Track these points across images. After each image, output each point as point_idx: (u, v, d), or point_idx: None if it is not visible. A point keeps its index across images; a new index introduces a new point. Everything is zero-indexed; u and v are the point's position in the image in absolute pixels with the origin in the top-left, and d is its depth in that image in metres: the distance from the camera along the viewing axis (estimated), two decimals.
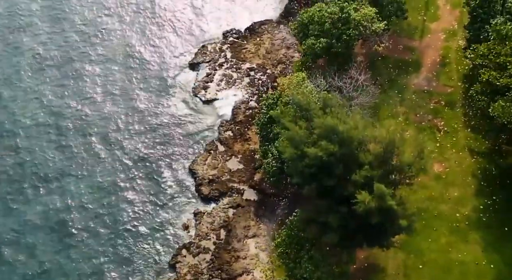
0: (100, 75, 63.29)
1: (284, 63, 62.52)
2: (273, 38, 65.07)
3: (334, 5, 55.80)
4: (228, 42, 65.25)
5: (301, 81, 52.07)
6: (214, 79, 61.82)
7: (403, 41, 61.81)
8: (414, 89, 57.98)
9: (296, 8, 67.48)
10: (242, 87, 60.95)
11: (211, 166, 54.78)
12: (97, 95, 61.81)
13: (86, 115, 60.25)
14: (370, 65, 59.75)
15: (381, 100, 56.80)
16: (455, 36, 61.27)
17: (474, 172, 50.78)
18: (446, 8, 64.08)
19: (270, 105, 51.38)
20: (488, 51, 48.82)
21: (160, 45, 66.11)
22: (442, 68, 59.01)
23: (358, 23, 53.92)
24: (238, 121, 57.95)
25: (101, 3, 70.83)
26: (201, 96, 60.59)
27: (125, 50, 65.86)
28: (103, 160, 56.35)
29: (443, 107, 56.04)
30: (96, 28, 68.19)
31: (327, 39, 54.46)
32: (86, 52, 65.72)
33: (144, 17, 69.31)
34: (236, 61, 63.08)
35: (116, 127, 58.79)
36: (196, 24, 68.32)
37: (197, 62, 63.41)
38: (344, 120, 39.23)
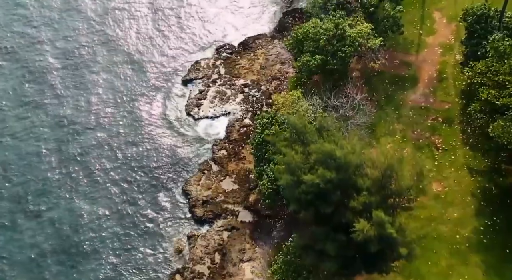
0: (89, 93, 61.79)
1: (279, 79, 61.43)
2: (267, 53, 64.00)
3: (329, 21, 54.84)
4: (221, 57, 64.07)
5: (296, 99, 51.09)
6: (208, 96, 60.63)
7: (399, 56, 60.86)
8: (411, 105, 57.03)
9: (290, 22, 66.46)
10: (236, 104, 59.76)
11: (205, 187, 53.52)
12: (86, 116, 60.18)
13: (76, 133, 59.01)
14: (366, 81, 58.81)
15: (377, 117, 55.85)
16: (452, 50, 60.37)
17: (474, 192, 49.81)
18: (442, 21, 63.22)
19: (265, 124, 50.24)
20: (486, 68, 47.97)
21: (152, 62, 64.58)
22: (439, 84, 58.11)
23: (353, 39, 52.94)
24: (232, 139, 56.75)
25: (88, 21, 69.16)
26: (194, 114, 59.32)
27: (115, 67, 64.23)
28: (93, 180, 54.97)
29: (441, 124, 55.05)
30: (82, 47, 66.49)
31: (322, 56, 53.43)
32: (68, 76, 63.98)
33: (134, 33, 67.81)
34: (230, 77, 61.93)
35: (108, 147, 57.36)
36: (189, 40, 66.98)
37: (190, 79, 62.16)
38: (341, 144, 38.14)
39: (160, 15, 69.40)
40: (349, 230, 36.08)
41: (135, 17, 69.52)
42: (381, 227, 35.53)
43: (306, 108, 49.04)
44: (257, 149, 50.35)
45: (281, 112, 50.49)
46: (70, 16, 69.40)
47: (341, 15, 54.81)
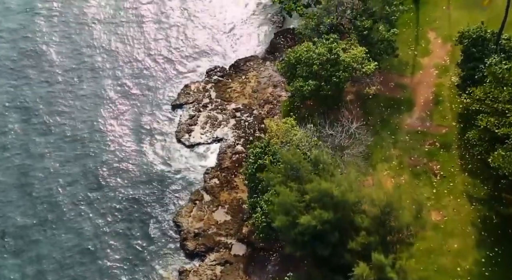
0: (75, 119, 59.82)
1: (271, 103, 59.83)
2: (259, 75, 62.41)
3: (322, 45, 53.40)
4: (212, 80, 62.38)
5: (290, 128, 49.52)
6: (198, 121, 58.84)
7: (394, 78, 59.48)
8: (407, 129, 55.55)
9: (282, 43, 64.95)
10: (228, 130, 58.02)
11: (197, 218, 51.68)
12: (70, 142, 58.15)
13: (59, 162, 56.99)
14: (361, 104, 57.35)
15: (373, 143, 54.32)
16: (448, 72, 59.05)
17: (474, 221, 48.33)
18: (437, 41, 61.97)
19: (258, 154, 48.56)
20: (484, 95, 46.68)
21: (140, 86, 62.69)
22: (435, 107, 56.70)
23: (347, 64, 51.54)
24: (224, 167, 54.99)
25: (76, 47, 67.17)
26: (184, 141, 57.48)
27: (101, 93, 62.21)
28: (78, 212, 52.92)
29: (438, 149, 53.62)
30: (70, 71, 64.49)
31: (315, 81, 52.02)
32: (52, 100, 62.09)
33: (121, 57, 65.73)
34: (221, 102, 60.24)
35: (93, 178, 55.32)
36: (178, 62, 65.03)
37: (180, 103, 60.29)
38: (338, 181, 36.58)
39: (148, 38, 67.54)
40: (348, 274, 34.52)
41: (122, 40, 67.52)
42: (381, 271, 33.99)
43: (300, 138, 47.47)
44: (250, 180, 48.62)
45: (274, 141, 48.92)
46: (58, 41, 67.40)
47: (334, 39, 53.40)
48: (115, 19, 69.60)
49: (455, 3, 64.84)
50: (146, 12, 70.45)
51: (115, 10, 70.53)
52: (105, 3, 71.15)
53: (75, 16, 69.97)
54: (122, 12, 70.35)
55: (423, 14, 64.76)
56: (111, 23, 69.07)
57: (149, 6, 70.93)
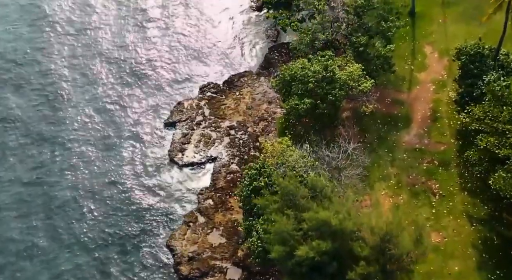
0: (65, 143, 58.16)
1: (266, 120, 58.65)
2: (254, 91, 61.25)
3: (317, 62, 52.37)
4: (205, 97, 61.12)
5: (286, 148, 48.33)
6: (192, 139, 57.55)
7: (391, 94, 58.49)
8: (405, 147, 54.48)
9: (276, 58, 63.89)
10: (222, 148, 56.75)
11: (191, 241, 50.28)
12: (60, 162, 56.66)
13: (48, 186, 55.44)
14: (357, 121, 56.26)
15: (371, 161, 53.07)
16: (445, 87, 58.11)
17: (475, 242, 47.20)
18: (434, 56, 61.05)
19: (253, 176, 47.31)
20: (483, 114, 45.75)
21: (132, 104, 61.37)
22: (433, 123, 55.70)
23: (344, 82, 50.49)
24: (218, 187, 53.66)
25: (65, 63, 65.79)
26: (178, 160, 56.09)
27: (92, 112, 60.76)
28: (73, 237, 51.58)
29: (437, 168, 52.56)
30: (61, 90, 63.03)
31: (311, 100, 50.94)
32: (44, 116, 60.73)
33: (112, 74, 64.36)
34: (215, 119, 59.00)
35: (86, 199, 53.80)
36: (170, 79, 63.86)
37: (173, 121, 58.95)
38: (336, 209, 35.41)
39: (139, 54, 66.28)
40: None
41: (113, 56, 66.18)
42: None
43: (296, 159, 46.29)
44: (245, 202, 47.35)
45: (269, 162, 47.72)
46: (46, 56, 66.26)
47: (330, 56, 52.40)
48: (107, 35, 68.48)
49: (451, 17, 64.14)
50: (137, 27, 69.28)
51: (107, 26, 69.52)
52: (95, 21, 70.09)
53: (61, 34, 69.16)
54: (113, 28, 69.22)
55: (419, 28, 63.95)
56: (100, 39, 68.06)
57: (140, 21, 69.90)
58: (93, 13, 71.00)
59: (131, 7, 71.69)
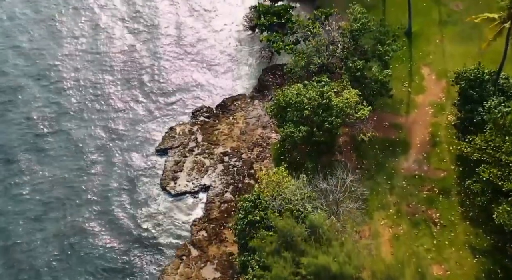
0: (51, 170, 56.19)
1: (261, 145, 56.97)
2: (247, 116, 59.58)
3: (312, 88, 50.87)
4: (198, 122, 59.34)
5: (281, 179, 46.66)
6: (184, 167, 55.74)
7: (388, 117, 56.97)
8: (404, 174, 52.93)
9: (271, 81, 62.28)
10: (216, 176, 54.96)
11: (184, 276, 48.33)
12: (48, 193, 54.72)
13: (41, 214, 53.51)
14: (355, 146, 54.72)
15: (369, 188, 51.47)
16: (444, 110, 56.70)
17: (478, 275, 45.52)
18: (432, 78, 59.64)
19: (248, 208, 45.59)
20: (485, 143, 44.33)
21: (121, 130, 59.44)
22: (432, 149, 54.20)
23: (340, 109, 48.97)
24: (212, 218, 51.86)
25: (52, 90, 63.52)
26: (170, 189, 54.23)
27: (82, 139, 58.73)
28: (61, 272, 49.52)
29: (437, 196, 51.00)
30: (52, 121, 60.82)
31: (307, 127, 49.40)
32: (36, 147, 58.47)
33: (103, 98, 62.40)
34: (208, 145, 57.26)
35: (72, 230, 51.90)
36: (162, 102, 61.94)
37: (165, 148, 57.14)
38: (336, 252, 33.76)
39: (130, 76, 64.34)
40: None
41: (103, 79, 64.21)
42: None
43: (293, 191, 44.61)
44: (240, 236, 45.63)
45: (265, 194, 46.03)
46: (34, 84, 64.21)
47: (326, 82, 50.93)
48: (97, 57, 66.56)
49: (449, 37, 62.84)
50: (128, 49, 67.32)
51: (98, 47, 67.66)
52: (87, 41, 68.37)
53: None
54: (104, 48, 67.40)
55: (416, 48, 62.63)
56: (93, 62, 66.06)
57: (131, 42, 68.11)
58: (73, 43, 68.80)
59: (118, 29, 69.92)
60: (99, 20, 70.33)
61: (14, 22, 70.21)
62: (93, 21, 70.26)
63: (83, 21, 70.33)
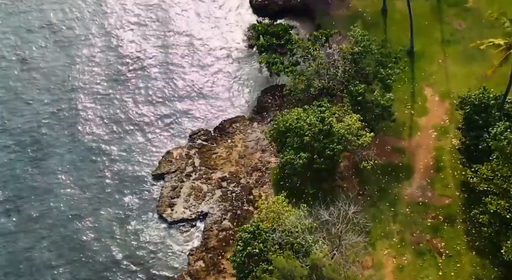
0: (44, 201, 54.52)
1: (260, 170, 55.40)
2: (246, 139, 58.05)
3: (313, 113, 49.44)
4: (195, 145, 57.77)
5: (281, 209, 45.12)
6: (181, 193, 54.13)
7: (391, 141, 55.49)
8: (407, 200, 51.42)
9: (270, 102, 60.78)
10: (214, 203, 53.37)
11: None
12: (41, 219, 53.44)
13: (34, 244, 52.11)
14: (356, 172, 53.27)
15: (371, 216, 50.15)
16: (447, 133, 55.22)
17: None
18: (435, 99, 58.17)
19: (247, 240, 44.04)
20: (492, 173, 42.86)
21: (117, 153, 57.75)
22: (436, 174, 52.68)
23: (342, 136, 47.51)
24: (210, 247, 50.22)
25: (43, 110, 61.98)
26: (166, 216, 52.61)
27: (75, 164, 57.15)
28: None
29: (442, 224, 49.48)
30: (41, 143, 59.24)
31: (307, 154, 47.94)
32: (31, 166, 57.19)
33: (97, 120, 60.68)
34: (206, 170, 55.69)
35: (64, 259, 50.44)
36: (158, 125, 60.16)
37: (161, 173, 55.47)
38: None
39: (125, 98, 62.56)
40: None
41: (97, 99, 62.53)
42: None
43: (293, 222, 43.06)
44: (238, 269, 44.06)
45: (264, 225, 44.49)
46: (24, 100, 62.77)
47: (326, 107, 49.52)
48: (93, 79, 64.82)
49: (452, 56, 61.35)
50: (122, 69, 65.28)
51: (94, 71, 65.92)
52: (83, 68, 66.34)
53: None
54: (98, 69, 65.77)
55: (418, 69, 61.16)
56: (89, 85, 64.35)
57: (126, 63, 66.32)
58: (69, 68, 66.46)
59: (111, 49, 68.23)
60: (78, 49, 67.57)
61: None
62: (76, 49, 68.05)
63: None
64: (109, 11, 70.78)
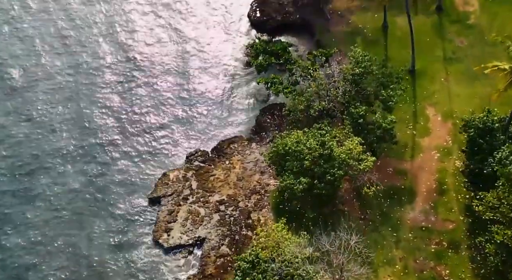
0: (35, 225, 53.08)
1: (259, 193, 54.01)
2: (245, 160, 56.68)
3: (313, 136, 48.15)
4: (193, 167, 56.33)
5: (281, 238, 43.76)
6: (178, 217, 52.66)
7: (392, 163, 54.12)
8: (410, 225, 50.09)
9: (269, 122, 59.40)
10: (211, 227, 51.88)
11: None
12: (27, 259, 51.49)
13: (28, 267, 50.55)
14: (358, 195, 51.96)
15: (373, 241, 48.81)
16: (451, 155, 53.92)
17: None
18: (437, 119, 56.89)
19: (245, 270, 42.68)
20: (498, 201, 41.60)
21: (111, 176, 56.17)
22: (439, 197, 51.38)
23: (343, 161, 46.23)
24: (208, 274, 48.62)
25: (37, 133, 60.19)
26: (162, 242, 51.05)
27: (68, 183, 55.80)
28: None
29: (446, 250, 48.12)
30: (32, 161, 57.63)
31: (307, 179, 46.64)
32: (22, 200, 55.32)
33: (91, 142, 59.03)
34: (203, 193, 54.28)
35: None
36: (155, 145, 58.63)
37: (158, 196, 53.97)
38: None
39: (121, 116, 61.02)
40: None
41: (91, 121, 60.95)
42: None
43: (293, 252, 41.71)
44: None
45: (264, 254, 43.10)
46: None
47: (327, 131, 48.23)
48: (89, 98, 63.39)
49: (454, 75, 60.12)
50: (118, 88, 63.95)
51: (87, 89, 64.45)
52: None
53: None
54: (93, 88, 64.32)
55: (420, 87, 59.92)
56: (84, 104, 63.00)
57: (123, 79, 64.89)
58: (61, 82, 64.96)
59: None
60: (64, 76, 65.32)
61: None
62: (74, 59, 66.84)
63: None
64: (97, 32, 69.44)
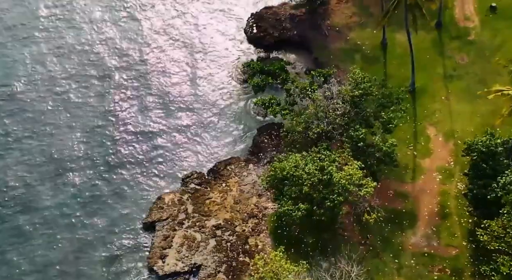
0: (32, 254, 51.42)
1: (257, 217, 52.58)
2: (242, 182, 55.28)
3: (311, 160, 46.86)
4: (188, 189, 54.82)
5: (279, 268, 42.37)
6: (173, 243, 51.11)
7: (393, 185, 52.83)
8: (412, 251, 48.72)
9: (266, 142, 58.07)
10: (208, 253, 50.37)
11: None
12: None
13: None
14: (358, 219, 50.50)
15: (374, 268, 47.52)
16: (452, 176, 52.67)
17: None
18: (438, 139, 55.67)
19: None
20: (503, 231, 40.34)
21: (105, 200, 54.61)
22: (442, 221, 50.07)
23: (343, 186, 44.91)
24: None
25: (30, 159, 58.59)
26: (157, 269, 49.41)
27: (61, 208, 54.09)
28: None
29: (449, 277, 46.72)
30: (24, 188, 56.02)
31: (306, 205, 45.31)
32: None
33: (87, 163, 57.61)
34: (199, 217, 52.81)
35: None
36: (150, 168, 57.16)
37: (153, 221, 52.42)
38: None
39: (115, 138, 59.49)
40: None
41: (87, 140, 59.47)
42: None
43: None
44: None
45: None
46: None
47: (326, 155, 46.93)
48: (81, 120, 61.80)
49: (455, 93, 59.04)
50: (112, 107, 62.51)
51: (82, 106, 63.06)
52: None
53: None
54: (87, 108, 62.84)
55: (421, 106, 58.73)
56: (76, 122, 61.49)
57: (117, 98, 63.66)
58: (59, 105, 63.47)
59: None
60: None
61: None
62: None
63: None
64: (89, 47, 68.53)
